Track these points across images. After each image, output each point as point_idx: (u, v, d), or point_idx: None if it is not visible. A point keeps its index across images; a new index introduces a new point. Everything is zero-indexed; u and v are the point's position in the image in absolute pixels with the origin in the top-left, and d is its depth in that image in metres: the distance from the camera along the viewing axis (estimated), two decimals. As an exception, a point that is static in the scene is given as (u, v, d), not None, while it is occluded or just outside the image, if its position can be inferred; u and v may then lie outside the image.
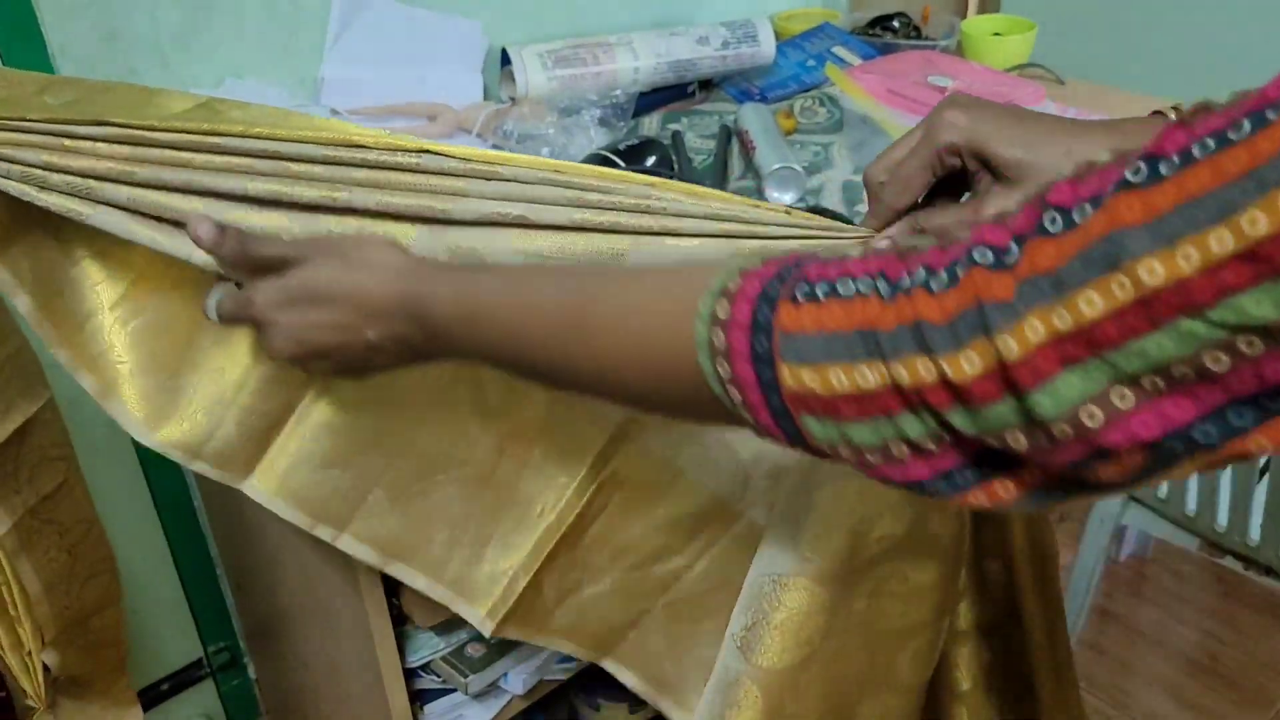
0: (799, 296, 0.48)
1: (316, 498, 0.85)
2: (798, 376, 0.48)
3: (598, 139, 1.44)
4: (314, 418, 0.83)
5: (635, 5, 1.72)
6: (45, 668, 0.91)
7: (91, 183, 0.69)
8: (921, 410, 0.45)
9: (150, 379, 0.82)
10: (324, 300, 0.66)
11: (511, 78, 1.53)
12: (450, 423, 0.84)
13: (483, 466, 0.86)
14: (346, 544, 0.87)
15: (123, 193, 0.69)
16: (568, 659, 1.19)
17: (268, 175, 0.69)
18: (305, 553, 1.10)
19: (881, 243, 0.73)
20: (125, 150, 0.69)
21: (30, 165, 0.69)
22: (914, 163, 0.71)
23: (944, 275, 0.44)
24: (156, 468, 1.42)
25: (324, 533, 0.87)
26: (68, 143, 0.70)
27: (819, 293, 0.48)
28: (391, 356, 0.67)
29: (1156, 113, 0.69)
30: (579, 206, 0.68)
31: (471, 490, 0.87)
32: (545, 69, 1.52)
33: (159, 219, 0.71)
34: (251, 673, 1.64)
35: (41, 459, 0.86)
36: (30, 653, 0.89)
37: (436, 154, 0.68)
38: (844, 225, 0.75)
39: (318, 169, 0.69)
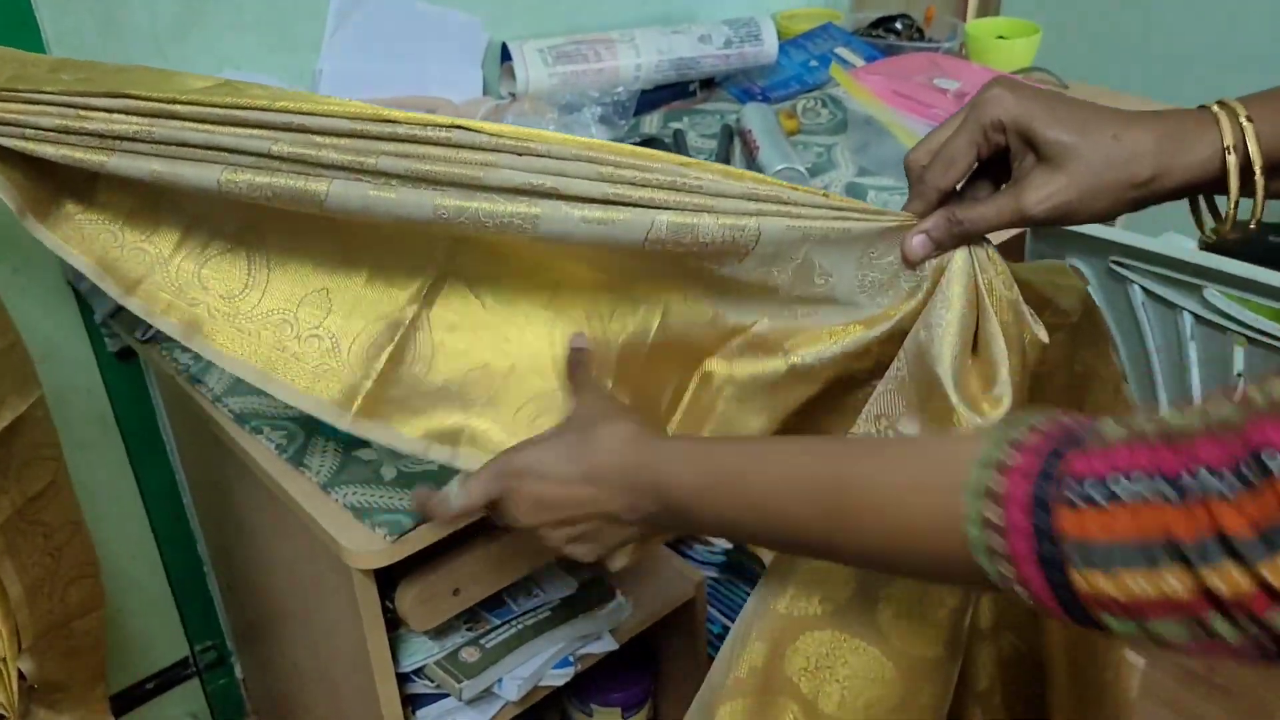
0: (1075, 500, 0.47)
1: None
2: (1093, 583, 0.47)
3: (598, 136, 1.42)
4: None
5: (637, 2, 1.70)
6: (21, 675, 0.89)
7: (109, 141, 0.68)
8: (1237, 613, 0.44)
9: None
10: (563, 477, 0.70)
11: (512, 73, 1.51)
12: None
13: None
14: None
15: (140, 149, 0.68)
16: (563, 664, 1.18)
17: (292, 141, 0.67)
18: (298, 552, 1.08)
19: (916, 239, 0.73)
20: (144, 119, 0.67)
21: (45, 129, 0.68)
22: (959, 141, 0.71)
23: (1233, 479, 0.43)
24: (145, 464, 1.40)
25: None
26: (83, 112, 0.68)
27: (1097, 496, 0.47)
28: (636, 529, 0.70)
29: (1202, 107, 0.68)
30: (612, 182, 0.66)
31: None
32: (546, 65, 1.51)
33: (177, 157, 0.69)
34: (239, 672, 1.62)
35: (32, 457, 0.84)
36: (4, 659, 0.87)
37: (468, 129, 0.66)
38: (881, 210, 0.74)
39: (343, 141, 0.66)
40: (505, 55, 1.53)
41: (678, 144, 1.47)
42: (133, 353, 1.30)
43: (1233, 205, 0.68)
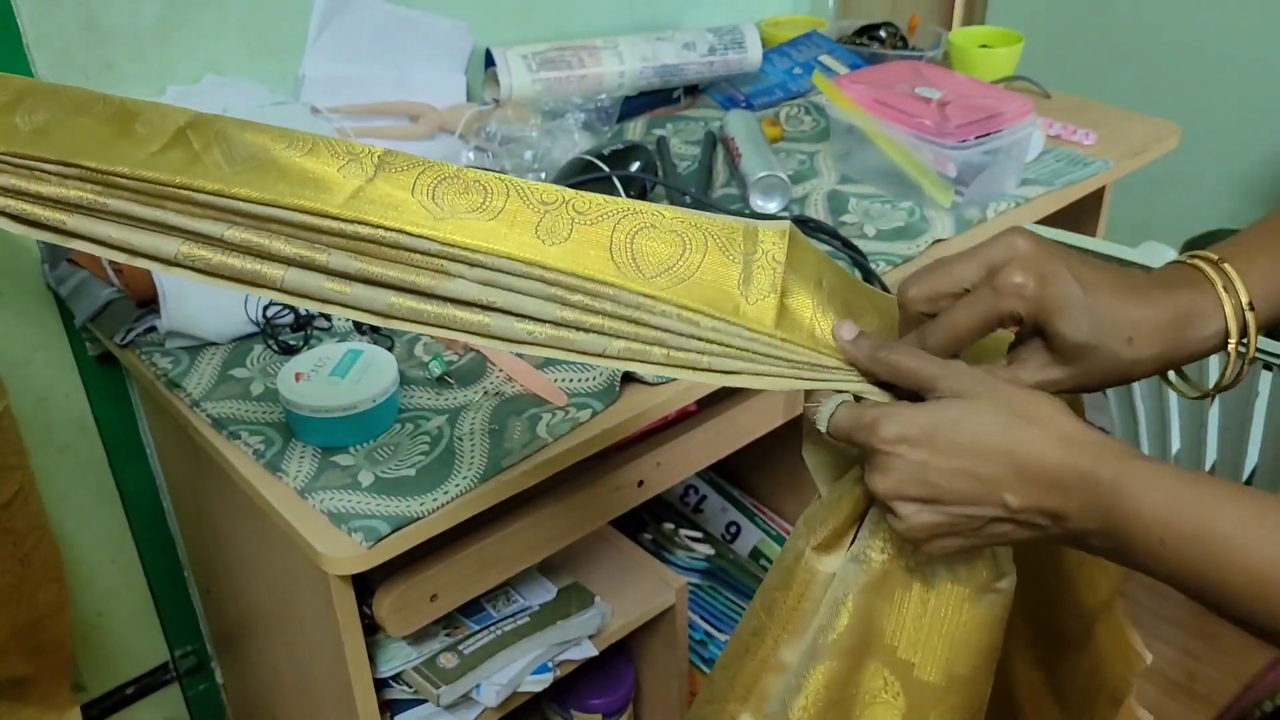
0: None
1: None
2: None
3: (582, 142, 1.43)
4: None
5: (621, 9, 1.70)
6: None
7: (65, 205, 0.66)
8: None
9: None
10: (970, 448, 0.59)
11: (496, 79, 1.51)
12: None
13: None
14: None
15: (96, 216, 0.66)
16: (542, 670, 1.18)
17: (245, 226, 0.65)
18: (277, 557, 1.08)
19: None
20: (96, 188, 0.66)
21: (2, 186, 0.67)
22: (967, 318, 0.65)
23: None
24: (125, 468, 1.40)
25: None
26: (39, 174, 0.67)
27: None
28: (1017, 530, 0.61)
29: (1194, 259, 0.67)
30: (563, 304, 0.64)
31: None
32: (530, 71, 1.51)
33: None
34: (218, 678, 1.61)
35: (8, 465, 0.84)
36: None
37: (415, 235, 0.63)
38: (840, 368, 0.68)
39: (295, 231, 0.64)
40: (489, 61, 1.53)
41: (661, 150, 1.47)
42: (113, 357, 1.30)
43: (1223, 379, 0.70)
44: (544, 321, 0.65)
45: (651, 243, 0.66)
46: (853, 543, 0.72)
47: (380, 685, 1.09)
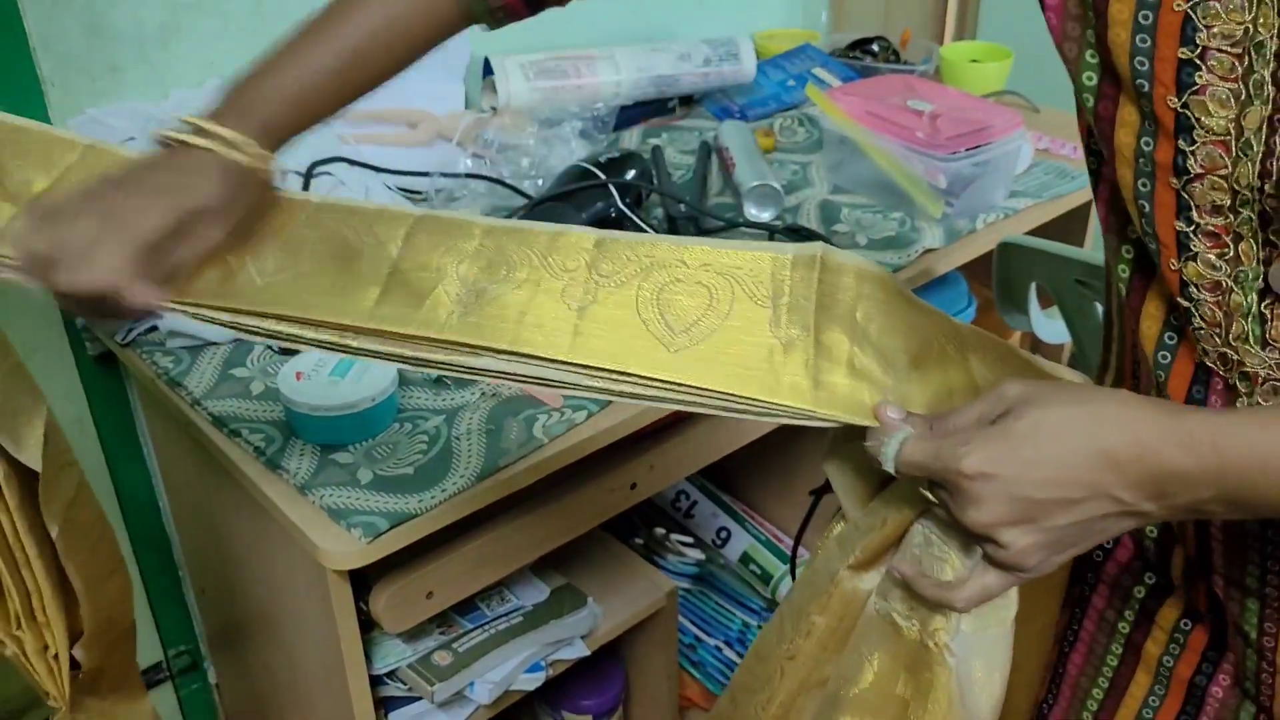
0: None
1: None
2: None
3: (578, 151, 1.45)
4: None
5: (618, 20, 1.73)
6: (75, 664, 0.91)
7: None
8: None
9: None
10: (1057, 453, 0.57)
11: (493, 87, 1.53)
12: None
13: None
14: None
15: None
16: (535, 669, 1.19)
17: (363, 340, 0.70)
18: (273, 555, 1.09)
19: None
20: (334, 334, 0.71)
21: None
22: None
23: None
24: (122, 467, 1.41)
25: None
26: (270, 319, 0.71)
27: None
28: (1125, 521, 0.58)
29: None
30: (589, 378, 0.67)
31: None
32: (527, 80, 1.53)
33: None
34: (211, 677, 1.62)
35: (63, 463, 0.87)
36: (56, 656, 0.89)
37: (453, 344, 0.68)
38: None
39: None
40: (487, 69, 1.55)
41: (656, 159, 1.49)
42: (112, 357, 1.31)
43: None
44: (565, 384, 0.68)
45: (678, 296, 0.68)
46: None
47: (375, 682, 1.10)
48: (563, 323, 0.68)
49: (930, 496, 0.63)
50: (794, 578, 1.34)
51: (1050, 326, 1.34)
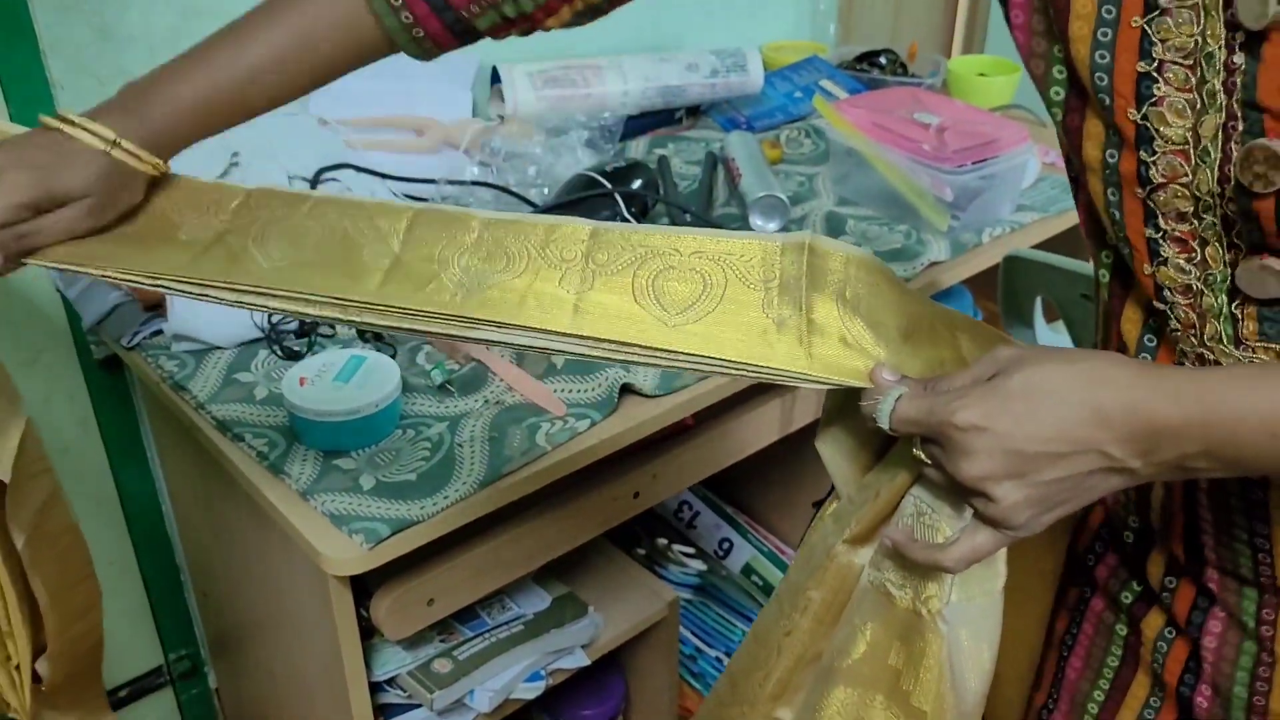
0: None
1: None
2: None
3: (585, 160, 1.45)
4: None
5: (626, 30, 1.73)
6: (36, 678, 0.91)
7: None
8: None
9: None
10: (1049, 407, 0.57)
11: (501, 96, 1.53)
12: None
13: None
14: None
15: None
16: (535, 678, 1.19)
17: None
18: (275, 560, 1.09)
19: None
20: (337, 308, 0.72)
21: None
22: None
23: None
24: (126, 470, 1.41)
25: None
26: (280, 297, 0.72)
27: None
28: (1113, 478, 0.59)
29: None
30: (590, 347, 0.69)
31: None
32: (534, 89, 1.53)
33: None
34: (212, 682, 1.62)
35: (36, 471, 0.86)
36: (19, 666, 0.89)
37: (453, 318, 0.69)
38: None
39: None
40: (495, 78, 1.55)
41: (662, 169, 1.49)
42: (117, 361, 1.31)
43: None
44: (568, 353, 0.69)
45: (672, 283, 0.69)
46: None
47: (374, 689, 1.10)
48: (563, 303, 0.69)
49: (922, 456, 0.64)
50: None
51: (1055, 341, 1.34)
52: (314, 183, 1.26)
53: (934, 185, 1.38)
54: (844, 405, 0.71)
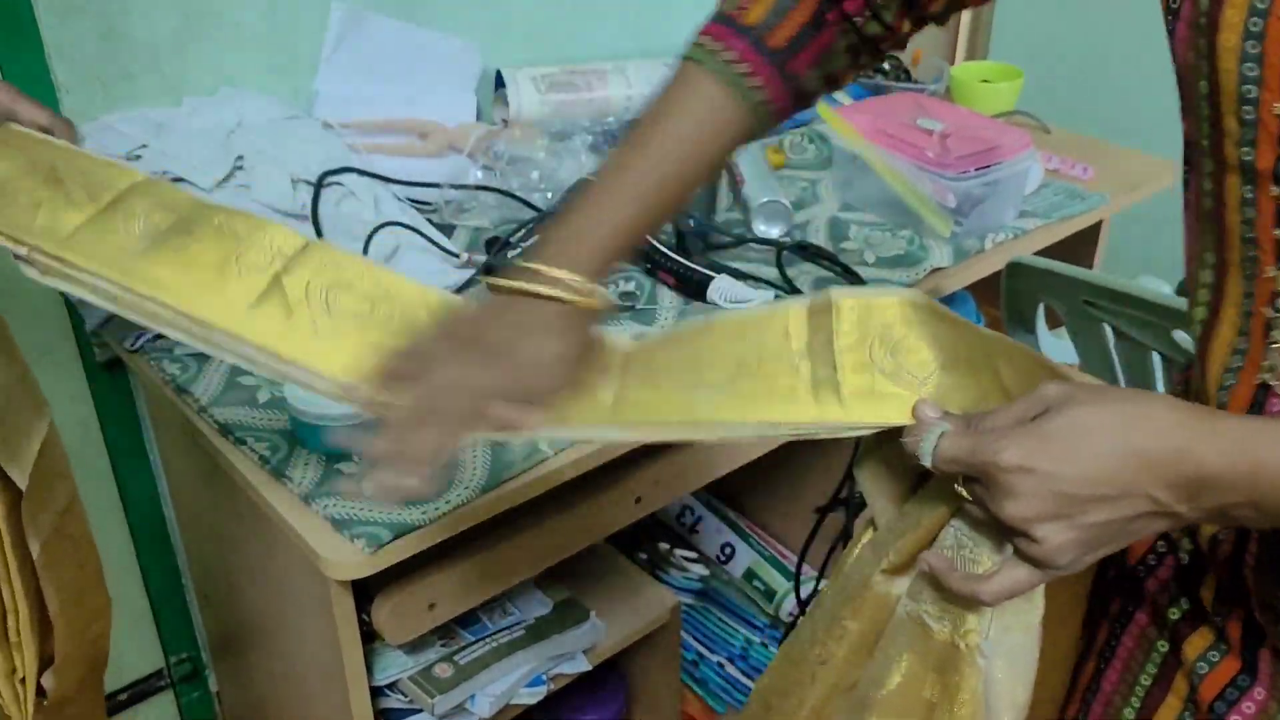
0: None
1: None
2: None
3: (588, 164, 1.45)
4: None
5: (630, 33, 1.73)
6: (40, 691, 0.91)
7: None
8: None
9: None
10: (1095, 449, 0.57)
11: (505, 100, 1.53)
12: None
13: None
14: None
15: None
16: (536, 683, 1.19)
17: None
18: (278, 562, 1.09)
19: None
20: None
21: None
22: None
23: None
24: (128, 473, 1.41)
25: None
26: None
27: None
28: (1157, 521, 0.58)
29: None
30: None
31: None
32: (539, 93, 1.53)
33: None
34: (212, 685, 1.62)
35: (58, 473, 0.86)
36: (24, 680, 0.89)
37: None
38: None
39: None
40: (499, 82, 1.55)
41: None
42: (120, 363, 1.31)
43: None
44: None
45: (714, 370, 0.73)
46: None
47: (375, 693, 1.10)
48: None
49: (964, 493, 0.63)
50: (798, 595, 1.35)
51: (1057, 347, 1.34)
52: (317, 187, 1.26)
53: (937, 191, 1.38)
54: (883, 435, 0.70)
